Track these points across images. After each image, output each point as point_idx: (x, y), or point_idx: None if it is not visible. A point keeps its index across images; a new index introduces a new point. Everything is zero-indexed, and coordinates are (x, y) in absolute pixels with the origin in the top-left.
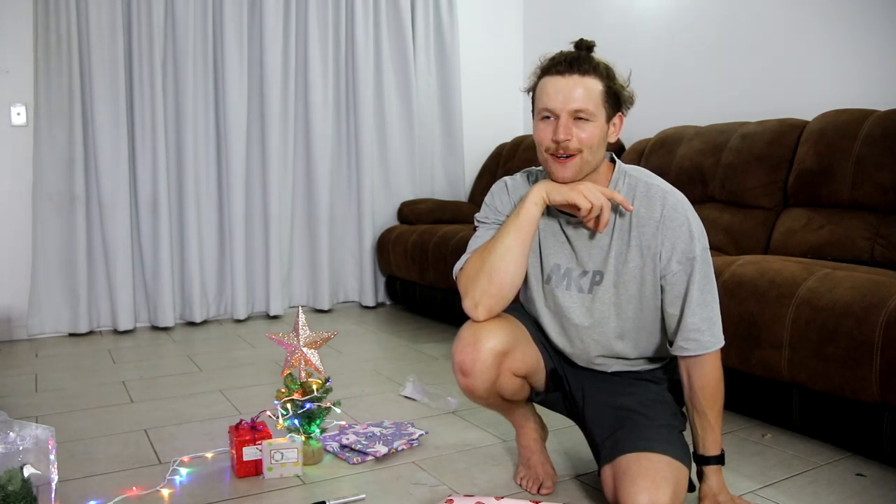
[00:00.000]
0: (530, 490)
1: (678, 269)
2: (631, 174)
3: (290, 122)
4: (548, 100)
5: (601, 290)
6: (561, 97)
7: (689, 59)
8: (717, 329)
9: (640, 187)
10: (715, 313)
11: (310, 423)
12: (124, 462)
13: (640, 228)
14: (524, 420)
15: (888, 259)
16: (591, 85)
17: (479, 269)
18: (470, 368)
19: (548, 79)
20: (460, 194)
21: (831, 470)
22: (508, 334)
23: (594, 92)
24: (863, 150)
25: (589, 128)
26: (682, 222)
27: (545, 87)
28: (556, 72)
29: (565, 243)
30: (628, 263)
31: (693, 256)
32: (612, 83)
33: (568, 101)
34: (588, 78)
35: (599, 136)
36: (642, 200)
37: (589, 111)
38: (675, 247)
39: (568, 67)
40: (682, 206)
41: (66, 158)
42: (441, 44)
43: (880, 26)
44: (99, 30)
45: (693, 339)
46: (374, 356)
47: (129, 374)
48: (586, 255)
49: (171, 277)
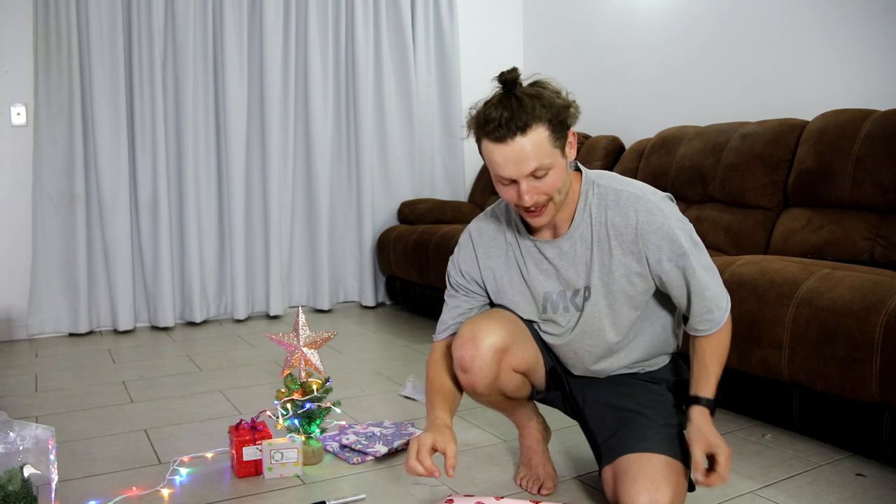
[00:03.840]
0: (531, 490)
1: (672, 267)
2: (599, 183)
3: (290, 123)
4: (500, 169)
5: (590, 304)
6: (513, 166)
7: (689, 59)
8: (724, 301)
9: (609, 196)
10: (719, 288)
11: (310, 423)
12: (124, 462)
13: (619, 238)
14: (527, 420)
15: (888, 259)
16: (536, 138)
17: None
18: (470, 365)
19: (489, 145)
20: (460, 194)
21: (831, 470)
22: (507, 330)
23: (541, 143)
24: (863, 150)
25: (550, 177)
26: (661, 224)
27: (490, 154)
28: (495, 138)
29: (549, 267)
30: (613, 273)
31: (683, 252)
32: (552, 115)
33: (521, 169)
34: (530, 132)
35: (562, 175)
36: (615, 210)
37: (545, 164)
38: (661, 249)
39: (506, 131)
40: (657, 207)
41: (66, 158)
42: (441, 44)
43: (880, 26)
44: (99, 30)
45: (707, 319)
46: (374, 356)
47: (129, 374)
48: (573, 274)
49: (171, 277)
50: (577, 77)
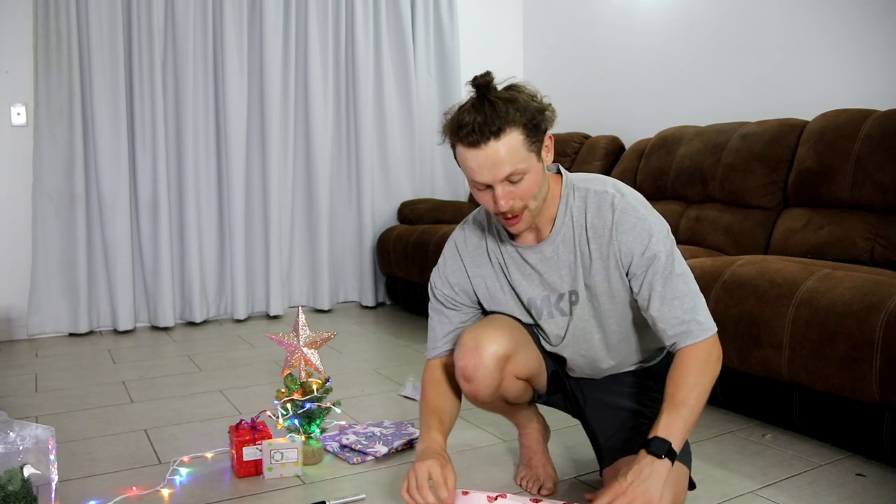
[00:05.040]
0: (531, 490)
1: (641, 270)
2: (579, 186)
3: (290, 122)
4: (474, 174)
5: (578, 308)
6: (487, 171)
7: (689, 59)
8: (703, 316)
9: (590, 198)
10: (696, 303)
11: (310, 423)
12: (124, 462)
13: (598, 239)
14: (527, 421)
15: (888, 259)
16: (510, 142)
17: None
18: (473, 374)
19: (463, 150)
20: (460, 194)
21: (831, 470)
22: (510, 338)
23: (516, 147)
24: (863, 150)
25: (525, 182)
26: (634, 223)
27: (465, 159)
28: (468, 143)
29: (532, 273)
30: (594, 276)
31: (654, 255)
32: (527, 119)
33: (496, 173)
34: (504, 137)
35: (538, 180)
36: (594, 211)
37: (519, 169)
38: (632, 249)
39: (480, 136)
40: (632, 208)
41: (66, 158)
42: (441, 44)
43: (880, 26)
44: (99, 30)
45: (681, 331)
46: (374, 356)
47: (129, 374)
48: (557, 278)
49: (171, 277)
50: (577, 77)
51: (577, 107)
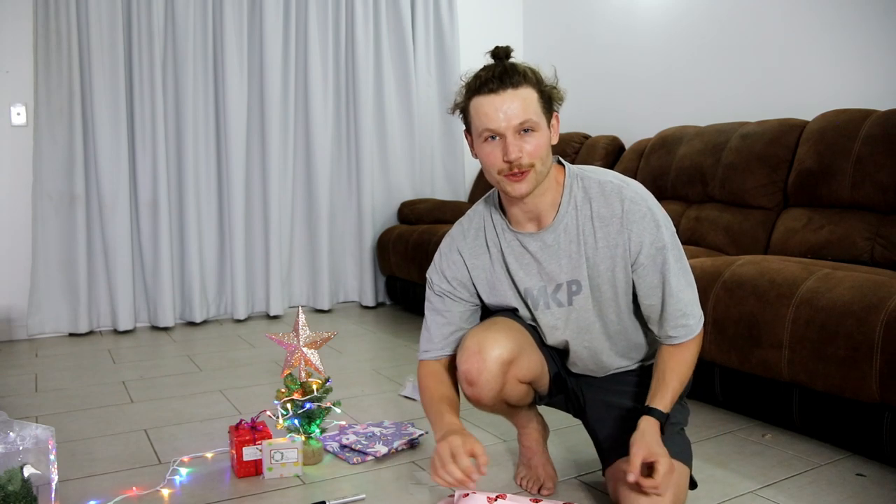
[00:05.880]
0: (531, 490)
1: (649, 260)
2: (583, 176)
3: (290, 122)
4: (488, 120)
5: (580, 298)
6: (502, 115)
7: (689, 59)
8: (699, 312)
9: (594, 188)
10: (695, 296)
11: (310, 423)
12: (124, 462)
13: (605, 229)
14: (526, 421)
15: (888, 259)
16: (526, 95)
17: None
18: (476, 378)
19: (481, 98)
20: (460, 194)
21: (831, 470)
22: (513, 341)
23: (531, 101)
24: (863, 150)
25: (535, 139)
26: (644, 213)
27: (481, 107)
28: (488, 90)
29: (531, 262)
30: (599, 266)
31: (663, 245)
32: (542, 87)
33: (510, 118)
34: (521, 89)
35: (545, 144)
36: (600, 200)
37: (532, 121)
38: (642, 239)
39: (500, 83)
40: (641, 198)
41: (66, 158)
42: (441, 44)
43: (880, 26)
44: (99, 30)
45: (681, 324)
46: (374, 356)
47: (129, 374)
48: (556, 268)
49: (171, 277)
50: (577, 77)
51: (577, 107)
